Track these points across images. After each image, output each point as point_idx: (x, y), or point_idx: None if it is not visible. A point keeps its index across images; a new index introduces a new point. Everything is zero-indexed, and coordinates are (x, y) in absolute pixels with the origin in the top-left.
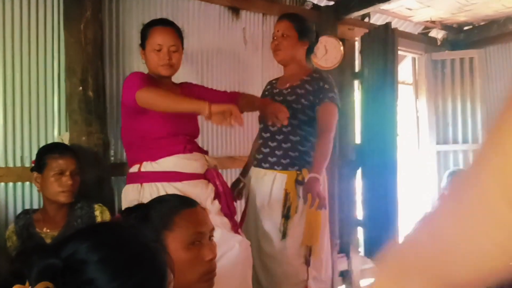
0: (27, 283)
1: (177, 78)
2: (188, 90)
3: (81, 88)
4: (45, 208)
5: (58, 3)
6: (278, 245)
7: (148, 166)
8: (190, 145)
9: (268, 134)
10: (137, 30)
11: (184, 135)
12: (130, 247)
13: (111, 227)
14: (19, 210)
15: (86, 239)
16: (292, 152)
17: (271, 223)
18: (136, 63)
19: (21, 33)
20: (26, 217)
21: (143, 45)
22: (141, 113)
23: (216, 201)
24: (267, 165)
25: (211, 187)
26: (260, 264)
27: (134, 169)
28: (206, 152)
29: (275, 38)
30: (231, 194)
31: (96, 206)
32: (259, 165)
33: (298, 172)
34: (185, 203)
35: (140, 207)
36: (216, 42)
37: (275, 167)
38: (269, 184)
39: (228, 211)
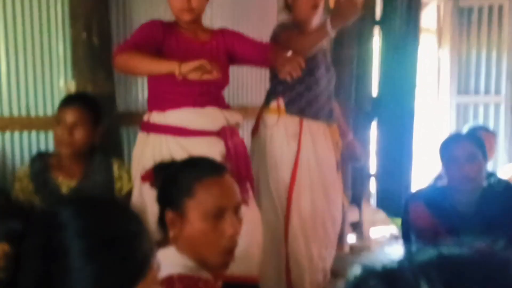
0: None
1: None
2: (221, 38)
3: (85, 34)
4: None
5: None
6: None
7: (156, 117)
8: (203, 97)
9: (320, 85)
10: None
11: (200, 84)
12: (113, 227)
13: (101, 202)
14: (25, 160)
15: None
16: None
17: (332, 176)
18: (144, 8)
19: None
20: (42, 161)
21: None
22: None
23: None
24: (323, 116)
25: (221, 147)
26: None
27: (145, 117)
28: (226, 107)
29: None
30: (246, 157)
31: (114, 161)
32: (315, 117)
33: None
34: (212, 169)
35: (171, 166)
36: None
37: (328, 119)
38: (322, 135)
39: (237, 177)
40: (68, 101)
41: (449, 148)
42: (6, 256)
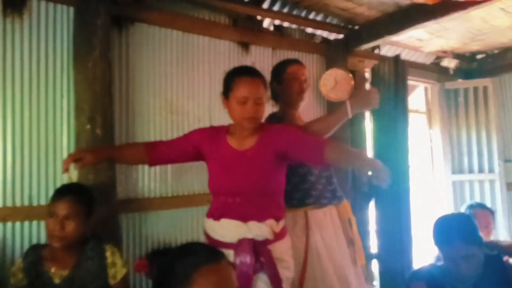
0: None
1: (188, 113)
2: (266, 142)
3: (89, 126)
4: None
5: (68, 41)
6: (354, 276)
7: (205, 222)
8: (220, 210)
9: (316, 172)
10: (147, 67)
11: (226, 196)
12: None
13: None
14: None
15: None
16: (338, 185)
17: (344, 257)
18: (146, 101)
19: (30, 71)
20: (35, 253)
21: (226, 94)
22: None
23: None
24: (326, 201)
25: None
26: None
27: None
28: (266, 215)
29: (299, 81)
30: (247, 279)
31: (107, 247)
32: (318, 205)
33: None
34: (209, 257)
35: (166, 254)
36: None
37: (333, 201)
38: (329, 220)
39: None
40: (60, 193)
41: (444, 247)
42: None
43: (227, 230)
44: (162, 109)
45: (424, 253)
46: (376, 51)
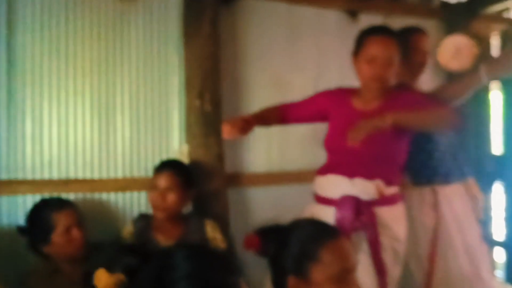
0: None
1: (293, 88)
2: (391, 107)
3: (198, 101)
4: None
5: (178, 19)
6: (483, 256)
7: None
8: (333, 165)
9: (442, 148)
10: (252, 42)
11: (338, 154)
12: (216, 276)
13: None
14: None
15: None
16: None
17: (474, 236)
18: (252, 75)
19: (145, 50)
20: (144, 220)
21: (355, 53)
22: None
23: None
24: (453, 178)
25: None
26: None
27: None
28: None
29: (421, 52)
30: (347, 234)
31: (207, 221)
32: (446, 182)
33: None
34: (328, 232)
35: (278, 229)
36: (333, 49)
37: (461, 178)
38: (458, 197)
39: None
40: (161, 167)
41: None
42: (121, 285)
43: (332, 185)
44: (267, 84)
45: None
46: (505, 14)
